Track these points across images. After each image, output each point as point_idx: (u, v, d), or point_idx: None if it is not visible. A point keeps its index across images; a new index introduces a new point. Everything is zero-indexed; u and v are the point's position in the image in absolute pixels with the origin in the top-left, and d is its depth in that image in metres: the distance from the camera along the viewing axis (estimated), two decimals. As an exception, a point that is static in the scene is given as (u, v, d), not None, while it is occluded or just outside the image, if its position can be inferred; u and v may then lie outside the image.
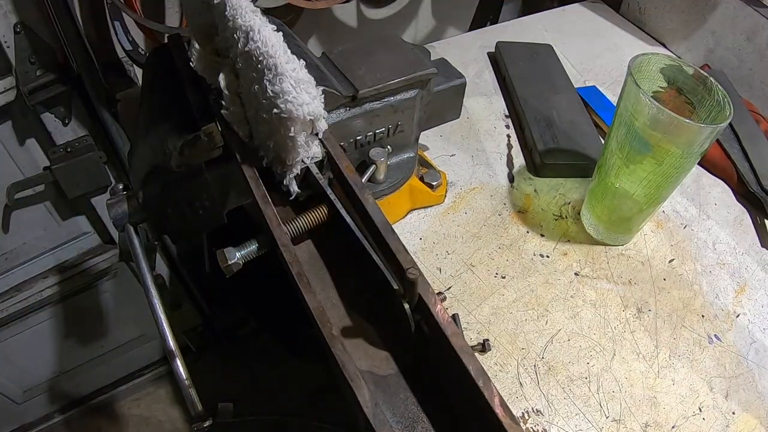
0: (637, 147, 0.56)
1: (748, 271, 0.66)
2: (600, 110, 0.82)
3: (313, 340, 0.36)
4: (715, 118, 0.54)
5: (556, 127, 0.77)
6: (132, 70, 0.90)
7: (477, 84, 0.89)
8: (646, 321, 0.61)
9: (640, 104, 0.53)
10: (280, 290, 0.45)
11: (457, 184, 0.73)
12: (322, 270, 0.42)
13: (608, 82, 0.90)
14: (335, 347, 0.33)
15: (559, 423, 0.53)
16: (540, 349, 0.58)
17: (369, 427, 0.30)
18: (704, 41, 0.92)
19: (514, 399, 0.54)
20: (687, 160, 0.54)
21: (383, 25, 1.14)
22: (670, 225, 0.71)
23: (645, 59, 0.56)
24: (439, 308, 0.33)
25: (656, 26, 1.00)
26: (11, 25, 0.77)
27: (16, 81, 0.81)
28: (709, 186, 0.76)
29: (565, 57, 0.93)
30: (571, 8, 1.07)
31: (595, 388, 0.56)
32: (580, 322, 0.60)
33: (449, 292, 0.62)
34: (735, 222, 0.72)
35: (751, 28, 0.84)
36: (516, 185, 0.74)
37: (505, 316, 0.60)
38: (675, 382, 0.56)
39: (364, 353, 0.37)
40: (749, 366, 0.58)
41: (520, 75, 0.86)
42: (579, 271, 0.65)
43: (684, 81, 0.57)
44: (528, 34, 0.98)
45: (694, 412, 0.55)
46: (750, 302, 0.63)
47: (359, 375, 0.32)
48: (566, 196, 0.73)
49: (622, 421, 0.53)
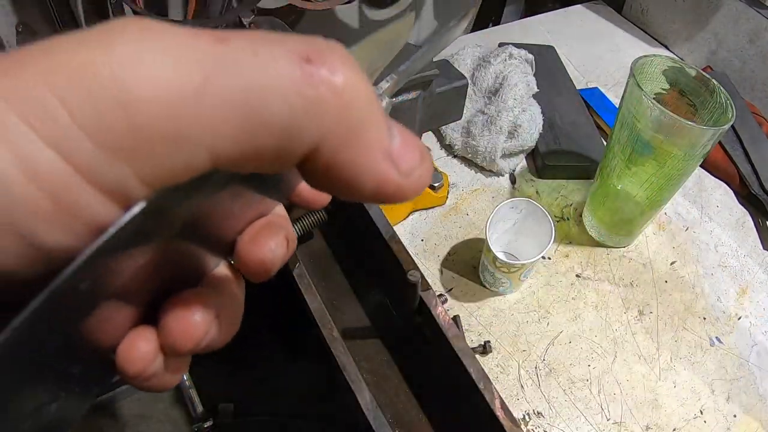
0: (639, 149, 0.55)
1: (749, 273, 0.66)
2: (602, 112, 0.82)
3: (313, 340, 0.36)
4: (718, 120, 0.54)
5: (558, 128, 0.77)
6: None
7: (479, 85, 0.89)
8: (648, 323, 0.61)
9: (642, 106, 0.52)
10: (281, 291, 0.45)
11: (459, 185, 0.73)
12: (322, 271, 0.42)
13: (610, 84, 0.90)
14: (336, 349, 0.33)
15: (560, 425, 0.53)
16: (541, 351, 0.58)
17: (369, 428, 0.30)
18: (707, 43, 0.92)
19: (514, 401, 0.54)
20: (689, 162, 0.54)
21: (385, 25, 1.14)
22: (672, 227, 0.70)
23: (647, 61, 0.56)
24: (440, 310, 0.33)
25: (658, 28, 1.00)
26: (13, 25, 0.77)
27: (18, 80, 0.81)
28: (711, 188, 0.76)
29: (567, 58, 0.93)
30: (574, 9, 1.07)
31: (596, 390, 0.55)
32: (581, 324, 0.60)
33: (450, 293, 0.62)
34: (737, 224, 0.72)
35: (753, 30, 0.84)
36: (518, 187, 0.74)
37: (507, 318, 0.60)
38: (676, 384, 0.56)
39: (364, 355, 0.37)
40: (751, 369, 0.58)
41: (522, 76, 0.86)
42: (580, 273, 0.65)
43: (686, 83, 0.57)
44: (530, 36, 0.98)
45: (696, 414, 0.54)
46: (752, 305, 0.63)
47: (360, 377, 0.32)
48: (568, 198, 0.72)
49: (623, 424, 0.53)
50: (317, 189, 0.15)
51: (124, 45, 0.11)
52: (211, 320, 0.16)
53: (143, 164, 0.12)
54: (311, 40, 0.13)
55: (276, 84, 0.12)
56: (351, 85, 0.13)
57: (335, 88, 0.13)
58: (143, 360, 0.15)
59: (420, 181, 0.15)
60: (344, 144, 0.13)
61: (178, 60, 0.12)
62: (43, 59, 0.11)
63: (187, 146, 0.12)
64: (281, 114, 0.12)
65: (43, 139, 0.11)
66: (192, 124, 0.12)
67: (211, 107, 0.12)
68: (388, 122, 0.14)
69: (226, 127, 0.12)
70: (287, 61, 0.12)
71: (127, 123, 0.11)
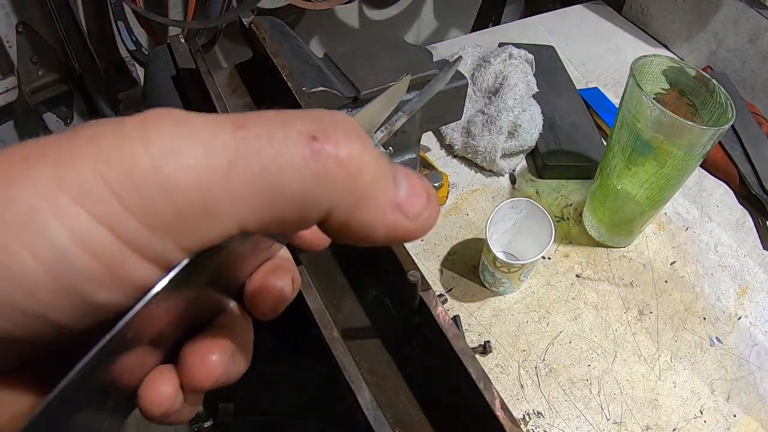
0: (639, 149, 0.55)
1: (749, 273, 0.66)
2: (602, 112, 0.82)
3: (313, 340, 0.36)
4: (718, 120, 0.54)
5: (558, 128, 0.77)
6: (134, 70, 0.90)
7: (479, 85, 0.89)
8: (648, 323, 0.61)
9: (642, 106, 0.52)
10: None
11: (459, 185, 0.73)
12: (322, 271, 0.42)
13: (610, 84, 0.90)
14: (336, 349, 0.33)
15: (560, 425, 0.53)
16: (541, 351, 0.58)
17: (369, 428, 0.30)
18: (707, 43, 0.92)
19: (515, 401, 0.54)
20: (689, 162, 0.54)
21: (385, 26, 1.14)
22: (672, 227, 0.70)
23: (647, 61, 0.56)
24: (440, 310, 0.33)
25: (659, 28, 1.00)
26: (13, 25, 0.77)
27: (18, 81, 0.81)
28: (711, 188, 0.76)
29: (567, 58, 0.93)
30: (574, 10, 1.07)
31: (596, 390, 0.55)
32: (581, 323, 0.60)
33: (450, 293, 0.62)
34: (737, 224, 0.72)
35: (753, 30, 0.84)
36: (518, 187, 0.74)
37: (507, 318, 0.60)
38: (676, 384, 0.56)
39: (364, 355, 0.37)
40: (750, 369, 0.58)
41: (522, 76, 0.86)
42: (580, 273, 0.65)
43: (686, 83, 0.57)
44: (530, 36, 0.98)
45: (695, 414, 0.54)
46: (752, 305, 0.63)
47: (360, 377, 0.32)
48: (568, 198, 0.72)
49: (623, 424, 0.53)
50: (334, 240, 0.17)
51: (160, 138, 0.13)
52: (228, 359, 0.18)
53: (182, 236, 0.14)
54: (317, 117, 0.15)
55: (289, 163, 0.14)
56: (355, 156, 0.15)
57: (341, 161, 0.15)
58: (167, 401, 0.17)
59: (429, 222, 0.17)
60: (354, 207, 0.15)
61: (206, 149, 0.14)
62: (91, 150, 0.13)
63: (218, 220, 0.14)
64: (296, 188, 0.14)
65: (95, 218, 0.13)
66: (222, 201, 0.14)
67: (236, 187, 0.14)
68: (395, 172, 0.16)
69: (250, 201, 0.14)
70: (296, 141, 0.14)
71: (168, 205, 0.13)
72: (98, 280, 0.13)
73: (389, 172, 0.16)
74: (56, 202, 0.13)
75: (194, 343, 0.18)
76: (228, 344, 0.18)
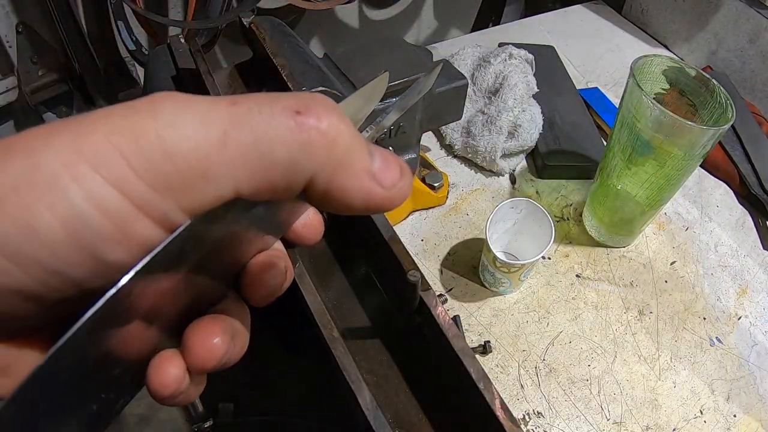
0: (639, 149, 0.55)
1: (749, 273, 0.66)
2: (602, 112, 0.82)
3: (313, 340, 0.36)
4: (718, 120, 0.54)
5: (558, 128, 0.77)
6: (134, 70, 0.90)
7: (479, 85, 0.89)
8: (648, 323, 0.61)
9: (642, 106, 0.52)
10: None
11: (459, 185, 0.73)
12: (322, 271, 0.42)
13: (610, 84, 0.90)
14: (336, 349, 0.33)
15: (560, 425, 0.53)
16: (541, 351, 0.58)
17: (369, 428, 0.30)
18: (707, 43, 0.92)
19: (515, 401, 0.54)
20: (689, 162, 0.54)
21: (385, 26, 1.14)
22: (672, 227, 0.71)
23: (647, 61, 0.56)
24: (440, 310, 0.33)
25: (658, 28, 1.00)
26: (13, 25, 0.77)
27: (18, 81, 0.81)
28: (711, 188, 0.76)
29: (567, 58, 0.93)
30: (573, 9, 1.07)
31: (596, 390, 0.55)
32: (581, 323, 0.60)
33: (450, 293, 0.62)
34: (737, 224, 0.72)
35: (753, 30, 0.84)
36: (518, 187, 0.74)
37: (507, 318, 0.60)
38: (676, 384, 0.56)
39: (364, 355, 0.37)
40: (750, 369, 0.58)
41: (522, 76, 0.86)
42: (580, 273, 0.65)
43: (686, 83, 0.57)
44: (530, 36, 0.98)
45: (696, 414, 0.54)
46: (752, 305, 0.63)
47: (360, 377, 0.32)
48: (568, 198, 0.72)
49: (623, 424, 0.53)
50: (319, 208, 0.19)
51: (164, 113, 0.15)
52: (229, 341, 0.20)
53: (183, 198, 0.16)
54: (301, 95, 0.17)
55: (277, 134, 0.16)
56: (334, 128, 0.17)
57: (321, 132, 0.16)
58: (175, 382, 0.18)
59: (402, 192, 0.18)
60: (334, 173, 0.17)
61: (204, 121, 0.16)
62: (105, 124, 0.15)
63: (215, 182, 0.16)
64: (283, 155, 0.16)
65: (108, 182, 0.15)
66: (218, 165, 0.15)
67: (231, 153, 0.16)
68: (370, 148, 0.18)
69: (243, 167, 0.16)
70: (283, 115, 0.16)
71: (170, 168, 0.15)
72: (110, 238, 0.15)
73: (364, 144, 0.18)
74: (75, 168, 0.14)
75: (197, 327, 0.19)
76: (228, 328, 0.20)
